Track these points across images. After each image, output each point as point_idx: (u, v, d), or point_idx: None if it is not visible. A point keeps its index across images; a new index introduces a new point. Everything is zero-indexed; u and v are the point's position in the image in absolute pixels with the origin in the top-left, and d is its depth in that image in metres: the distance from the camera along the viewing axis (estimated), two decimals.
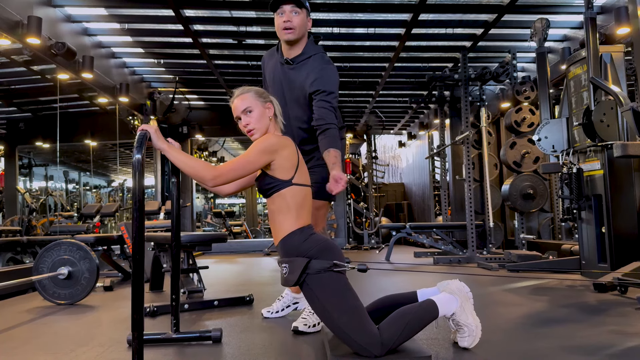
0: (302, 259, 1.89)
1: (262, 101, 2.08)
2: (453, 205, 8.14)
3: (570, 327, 2.40)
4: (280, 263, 1.97)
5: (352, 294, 1.87)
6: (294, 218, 1.96)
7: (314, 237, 1.97)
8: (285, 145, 1.98)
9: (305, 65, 2.49)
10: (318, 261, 1.88)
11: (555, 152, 4.31)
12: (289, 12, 2.44)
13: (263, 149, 1.92)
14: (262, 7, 6.07)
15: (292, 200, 1.96)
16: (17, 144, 10.48)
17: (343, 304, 1.83)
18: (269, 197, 2.00)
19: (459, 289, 1.98)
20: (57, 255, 3.34)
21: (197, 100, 10.18)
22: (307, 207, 2.03)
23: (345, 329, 1.80)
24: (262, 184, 2.01)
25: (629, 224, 3.87)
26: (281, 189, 1.96)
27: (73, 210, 11.53)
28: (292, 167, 1.97)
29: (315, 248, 1.91)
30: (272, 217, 2.01)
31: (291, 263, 1.91)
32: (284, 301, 2.79)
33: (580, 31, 6.35)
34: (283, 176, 1.96)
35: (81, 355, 2.08)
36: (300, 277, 1.87)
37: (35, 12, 5.44)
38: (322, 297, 1.85)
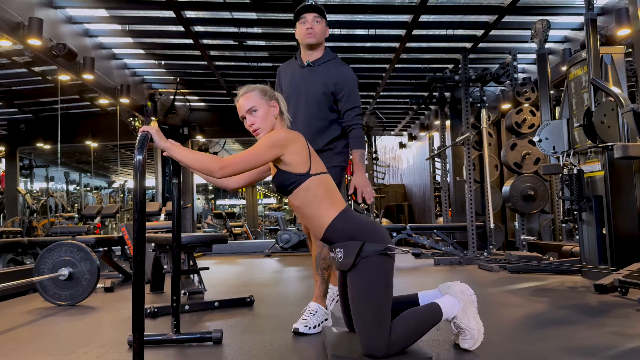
0: (356, 242, 1.87)
1: (266, 100, 2.07)
2: (454, 206, 8.14)
3: (571, 328, 2.40)
4: (335, 248, 1.94)
5: (390, 290, 1.87)
6: (329, 205, 1.95)
7: (358, 218, 1.96)
8: (294, 139, 1.96)
9: (325, 68, 2.71)
10: (372, 244, 1.86)
11: (556, 153, 4.31)
12: (311, 20, 2.69)
13: (272, 142, 1.91)
14: (263, 9, 6.08)
15: (319, 190, 1.95)
16: (18, 145, 10.49)
17: (380, 294, 1.83)
18: (291, 194, 1.98)
19: (462, 291, 1.98)
20: (57, 257, 3.34)
21: (198, 101, 10.19)
22: (336, 191, 2.02)
23: (369, 320, 1.80)
24: (280, 181, 1.99)
25: (629, 225, 3.86)
26: (301, 183, 1.94)
27: (74, 212, 11.54)
28: (305, 159, 1.96)
29: (365, 230, 1.90)
30: (302, 212, 1.99)
31: (345, 247, 1.89)
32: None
33: (581, 32, 6.35)
34: (300, 170, 1.95)
35: (82, 357, 2.08)
36: (355, 261, 1.85)
37: (36, 13, 5.45)
38: (368, 280, 1.84)
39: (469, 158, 5.99)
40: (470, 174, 5.92)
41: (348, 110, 2.68)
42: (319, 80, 2.67)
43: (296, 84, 2.73)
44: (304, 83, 2.71)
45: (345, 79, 2.67)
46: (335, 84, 2.65)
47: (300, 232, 7.63)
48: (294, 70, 2.78)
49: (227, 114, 10.57)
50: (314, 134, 2.65)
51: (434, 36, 6.93)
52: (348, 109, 2.68)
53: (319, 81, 2.67)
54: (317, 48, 2.72)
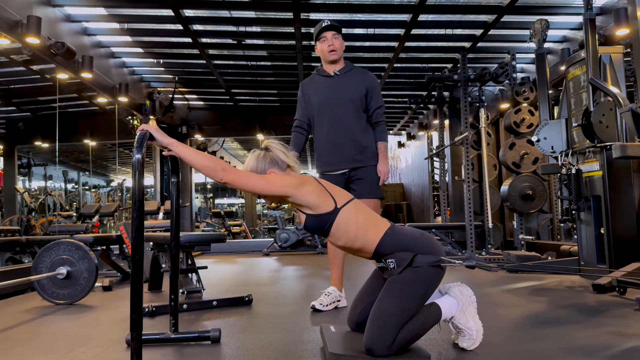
0: (407, 252, 1.87)
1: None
2: (452, 205, 8.14)
3: (569, 328, 2.40)
4: (386, 259, 1.91)
5: (427, 299, 1.88)
6: (373, 231, 1.92)
7: (408, 231, 1.95)
8: (303, 182, 1.93)
9: (352, 75, 3.11)
10: (424, 256, 1.86)
11: (555, 153, 4.31)
12: (330, 38, 3.05)
13: (279, 182, 1.90)
14: (262, 8, 6.08)
15: (358, 218, 1.92)
16: (16, 144, 10.48)
17: (411, 303, 1.84)
18: (330, 235, 1.95)
19: (461, 292, 1.99)
20: (56, 255, 3.34)
21: (197, 100, 10.18)
22: (371, 213, 2.00)
23: (388, 319, 1.80)
24: (313, 225, 1.95)
25: (628, 224, 3.87)
26: (334, 219, 1.91)
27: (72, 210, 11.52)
28: (325, 196, 1.93)
29: (417, 241, 1.89)
30: (351, 248, 1.96)
31: (397, 257, 1.88)
32: (332, 297, 2.96)
33: (580, 32, 6.36)
34: (327, 208, 1.91)
35: (80, 356, 2.08)
36: (404, 269, 1.85)
37: (35, 11, 5.44)
38: (411, 284, 1.84)
39: (467, 157, 5.99)
40: (468, 173, 5.92)
41: (377, 108, 3.12)
42: (350, 86, 3.06)
43: (328, 92, 3.07)
44: (336, 89, 3.06)
45: (374, 82, 3.13)
46: (366, 86, 3.07)
47: (298, 232, 7.63)
48: (320, 82, 3.13)
49: (225, 113, 10.56)
50: (352, 135, 3.02)
51: (432, 35, 6.93)
52: (377, 107, 3.12)
53: (350, 86, 3.06)
54: (339, 61, 3.12)
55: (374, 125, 3.12)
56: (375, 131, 3.12)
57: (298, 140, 3.18)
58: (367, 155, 3.05)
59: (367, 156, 3.06)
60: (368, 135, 3.09)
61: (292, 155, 2.07)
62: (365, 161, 3.04)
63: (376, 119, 3.12)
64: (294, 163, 2.06)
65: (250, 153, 2.07)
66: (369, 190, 3.03)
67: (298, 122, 3.19)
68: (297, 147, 3.17)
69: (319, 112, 3.09)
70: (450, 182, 8.27)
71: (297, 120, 3.20)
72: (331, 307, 2.92)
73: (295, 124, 3.20)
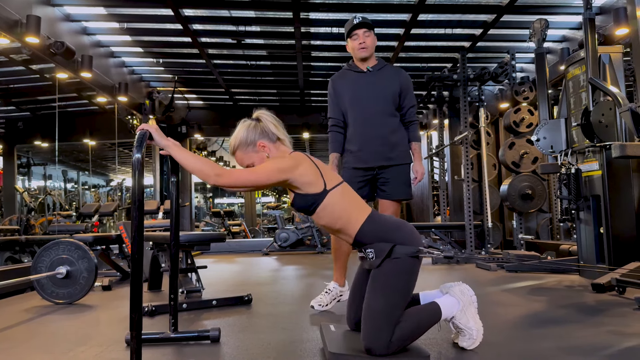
0: (386, 243, 1.87)
1: (252, 149, 2.01)
2: (452, 205, 8.14)
3: (568, 327, 2.41)
4: (365, 249, 1.93)
5: (410, 292, 1.88)
6: (356, 215, 1.94)
7: (387, 220, 1.96)
8: (298, 163, 1.93)
9: (386, 71, 3.08)
10: (403, 247, 1.86)
11: (554, 152, 4.32)
12: (362, 35, 3.01)
13: (275, 169, 1.89)
14: (261, 7, 6.08)
15: (341, 203, 1.94)
16: (15, 143, 10.47)
17: (397, 296, 1.84)
18: (314, 214, 1.97)
19: (462, 292, 1.99)
20: (55, 255, 3.34)
21: (196, 99, 10.17)
22: (357, 198, 2.01)
23: (378, 315, 1.81)
24: (300, 204, 1.97)
25: (627, 224, 3.87)
26: (322, 201, 1.92)
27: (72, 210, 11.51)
28: (316, 178, 1.93)
29: (397, 230, 1.90)
30: (332, 228, 1.98)
31: (376, 247, 1.89)
32: (332, 295, 2.94)
33: (579, 32, 6.36)
34: (316, 189, 1.92)
35: (79, 355, 2.08)
36: (383, 261, 1.86)
37: (34, 11, 5.44)
38: (393, 277, 1.85)
39: (467, 157, 5.99)
40: (468, 173, 5.92)
41: (411, 107, 3.10)
42: (384, 83, 3.02)
43: (361, 88, 3.02)
44: (370, 85, 3.02)
45: (408, 80, 3.10)
46: (401, 84, 3.04)
47: (298, 231, 7.63)
48: (353, 78, 3.07)
49: (225, 113, 10.56)
50: (386, 132, 2.98)
51: (432, 35, 6.93)
52: (411, 106, 3.10)
53: (384, 83, 3.02)
54: (371, 58, 3.07)
55: (407, 125, 3.09)
56: (409, 130, 3.09)
57: (337, 140, 3.09)
58: (398, 154, 3.00)
59: (399, 155, 3.01)
60: (400, 134, 3.04)
61: (283, 129, 2.07)
62: (396, 159, 2.99)
63: (410, 118, 3.09)
64: (284, 136, 2.07)
65: (240, 122, 2.06)
66: (400, 191, 2.99)
67: (333, 120, 3.11)
68: (337, 148, 3.09)
69: (351, 108, 3.03)
70: (450, 182, 8.27)
71: (331, 119, 3.12)
72: (331, 305, 2.90)
73: (330, 123, 3.12)
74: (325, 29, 6.71)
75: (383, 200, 3.01)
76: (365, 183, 3.00)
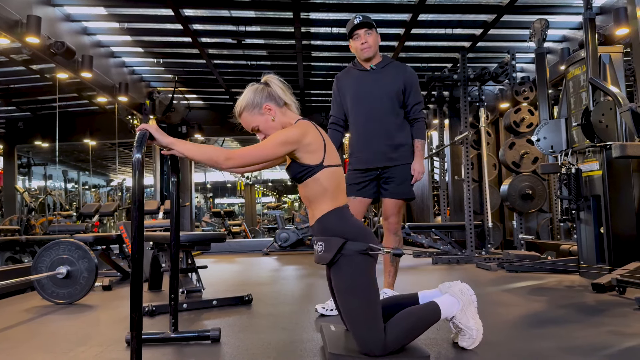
0: (338, 239, 1.87)
1: (257, 110, 2.01)
2: (452, 205, 8.14)
3: (569, 327, 2.41)
4: (316, 241, 1.95)
5: (375, 285, 1.87)
6: (330, 199, 1.93)
7: (352, 220, 1.95)
8: (305, 132, 1.92)
9: (391, 68, 3.02)
10: (354, 243, 1.86)
11: (554, 152, 4.32)
12: (363, 35, 2.99)
13: (282, 140, 1.87)
14: (262, 7, 6.08)
15: (328, 182, 1.93)
16: (16, 143, 10.48)
17: (365, 292, 1.83)
18: (302, 183, 1.97)
19: (462, 291, 1.98)
20: (55, 255, 3.34)
21: (197, 99, 10.18)
22: (342, 187, 2.00)
23: (358, 316, 1.80)
24: (294, 172, 1.97)
25: (627, 224, 3.87)
26: (314, 173, 1.92)
27: (72, 210, 11.52)
28: (319, 150, 1.93)
29: (352, 231, 1.90)
30: (308, 201, 1.98)
31: (327, 242, 1.90)
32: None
33: (579, 32, 6.36)
34: (313, 161, 1.92)
35: (80, 355, 2.08)
36: (334, 257, 1.86)
37: (35, 11, 5.44)
38: (349, 278, 1.85)
39: (467, 157, 5.99)
40: (468, 173, 5.92)
41: (416, 104, 3.01)
42: (387, 80, 2.96)
43: (364, 86, 2.97)
44: (373, 83, 2.96)
45: (413, 76, 3.02)
46: (404, 81, 2.97)
47: (298, 231, 7.63)
48: (356, 76, 3.03)
49: (225, 113, 10.55)
50: (388, 132, 2.93)
51: (432, 35, 6.93)
52: (416, 103, 3.00)
53: (387, 81, 2.96)
54: (375, 57, 3.03)
55: (411, 122, 3.01)
56: (413, 128, 3.00)
57: (334, 138, 3.04)
58: (401, 154, 2.95)
59: (402, 154, 2.95)
60: (404, 133, 2.98)
61: (291, 94, 2.07)
62: (399, 159, 2.94)
63: (414, 116, 3.00)
64: (291, 101, 2.06)
65: (248, 86, 2.06)
66: (401, 190, 2.96)
67: (333, 118, 3.09)
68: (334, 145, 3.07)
69: (353, 107, 2.99)
70: (450, 182, 8.27)
71: (332, 116, 3.10)
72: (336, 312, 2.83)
73: (330, 121, 3.10)
74: (325, 29, 6.71)
75: (386, 199, 2.99)
76: (368, 182, 2.96)
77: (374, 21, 3.12)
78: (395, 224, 3.01)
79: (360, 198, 2.95)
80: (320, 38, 6.96)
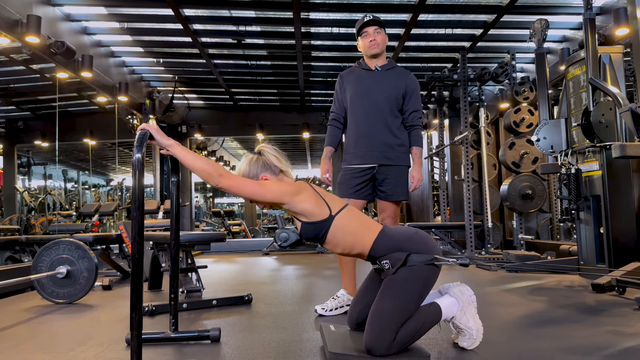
0: (401, 252, 1.88)
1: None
2: (452, 205, 8.14)
3: (569, 327, 2.41)
4: (380, 261, 1.93)
5: (422, 299, 1.88)
6: (367, 231, 1.94)
7: (400, 231, 1.95)
8: (299, 189, 1.93)
9: (394, 72, 3.01)
10: (418, 255, 1.86)
11: (554, 152, 4.32)
12: (372, 32, 2.96)
13: (276, 190, 1.89)
14: (262, 7, 6.08)
15: (352, 223, 1.94)
16: (16, 143, 10.47)
17: (411, 300, 1.84)
18: (325, 242, 1.97)
19: (461, 292, 1.99)
20: (55, 254, 3.34)
21: (197, 99, 10.18)
22: (365, 218, 2.00)
23: (386, 318, 1.81)
24: (309, 233, 1.96)
25: (627, 224, 3.88)
26: (330, 227, 1.92)
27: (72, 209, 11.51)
28: (320, 204, 1.93)
29: (410, 241, 1.90)
30: (344, 250, 1.97)
31: (391, 258, 1.89)
32: (338, 301, 2.82)
33: (579, 32, 6.36)
34: (322, 216, 1.92)
35: (80, 355, 2.08)
36: (398, 269, 1.86)
37: (35, 10, 5.44)
38: (407, 283, 1.85)
39: (467, 157, 5.99)
40: (468, 173, 5.92)
41: (414, 111, 2.99)
42: (390, 83, 2.96)
43: (366, 86, 2.98)
44: (375, 84, 2.97)
45: (414, 83, 3.01)
46: (406, 86, 2.97)
47: (298, 231, 7.62)
48: (360, 75, 3.03)
49: (225, 113, 10.56)
50: (386, 132, 2.93)
51: (432, 35, 6.93)
52: (414, 110, 2.99)
53: (390, 83, 2.96)
54: (381, 56, 3.02)
55: (408, 129, 3.00)
56: (411, 135, 2.99)
57: (333, 134, 3.05)
58: (398, 155, 2.94)
59: (398, 155, 2.94)
60: (402, 135, 2.97)
61: (285, 161, 2.08)
62: (395, 160, 2.93)
63: (411, 122, 2.99)
64: (287, 167, 2.07)
65: (243, 157, 2.09)
66: (398, 192, 2.95)
67: (334, 114, 3.08)
68: (333, 142, 3.05)
69: (354, 104, 2.99)
70: (450, 182, 8.27)
71: (332, 112, 3.08)
72: (337, 312, 2.80)
73: (331, 117, 3.09)
74: (325, 28, 6.71)
75: (381, 201, 2.99)
76: (366, 183, 2.94)
77: None
78: (392, 225, 3.00)
79: (355, 200, 2.91)
80: (321, 38, 6.96)
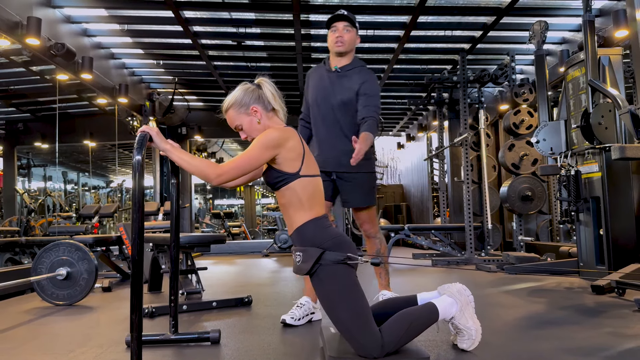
0: (316, 249, 1.87)
1: (244, 110, 2.01)
2: (451, 207, 8.14)
3: (568, 328, 2.41)
4: (294, 251, 1.96)
5: (359, 292, 1.86)
6: (306, 209, 1.93)
7: (330, 229, 1.95)
8: (288, 137, 1.92)
9: (354, 74, 2.85)
10: (332, 253, 1.86)
11: (554, 154, 4.32)
12: (341, 29, 2.84)
13: (265, 144, 1.87)
14: (262, 9, 6.08)
15: (303, 192, 1.93)
16: (15, 145, 10.47)
17: (350, 300, 1.83)
18: (278, 191, 1.97)
19: (459, 292, 1.98)
20: (55, 256, 3.34)
21: (196, 101, 10.18)
22: (319, 198, 1.99)
23: (349, 324, 1.80)
24: (270, 178, 1.97)
25: (626, 226, 3.88)
26: (289, 182, 1.92)
27: (72, 211, 11.51)
28: (297, 158, 1.93)
29: (330, 240, 1.89)
30: (285, 210, 1.98)
31: (305, 252, 1.90)
32: (304, 309, 2.69)
33: (579, 34, 6.36)
34: (290, 169, 1.92)
35: (79, 356, 2.08)
36: (312, 267, 1.86)
37: (35, 12, 5.44)
38: (331, 289, 1.85)
39: (467, 159, 6.00)
40: (468, 174, 5.93)
41: (365, 106, 2.75)
42: (346, 86, 2.82)
43: (323, 88, 2.86)
44: (331, 87, 2.84)
45: (370, 82, 2.81)
46: (359, 84, 2.79)
47: None
48: (322, 75, 2.92)
49: None
50: (342, 137, 2.80)
51: (432, 37, 6.93)
52: (365, 105, 2.75)
53: (346, 86, 2.81)
54: (346, 55, 2.87)
55: (360, 122, 2.74)
56: (361, 127, 2.71)
57: (302, 133, 2.89)
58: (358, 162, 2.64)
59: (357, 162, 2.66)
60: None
61: (281, 102, 2.08)
62: (350, 167, 2.61)
63: (363, 115, 2.74)
64: (280, 107, 2.07)
65: (240, 84, 2.07)
66: (360, 199, 2.87)
67: (302, 114, 3.03)
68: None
69: (312, 108, 2.92)
70: (450, 183, 8.27)
71: (302, 112, 3.03)
72: (304, 320, 2.65)
73: (300, 117, 3.05)
74: (325, 31, 6.70)
75: (353, 210, 2.94)
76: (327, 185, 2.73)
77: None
78: (369, 229, 2.97)
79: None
80: (320, 40, 6.97)
